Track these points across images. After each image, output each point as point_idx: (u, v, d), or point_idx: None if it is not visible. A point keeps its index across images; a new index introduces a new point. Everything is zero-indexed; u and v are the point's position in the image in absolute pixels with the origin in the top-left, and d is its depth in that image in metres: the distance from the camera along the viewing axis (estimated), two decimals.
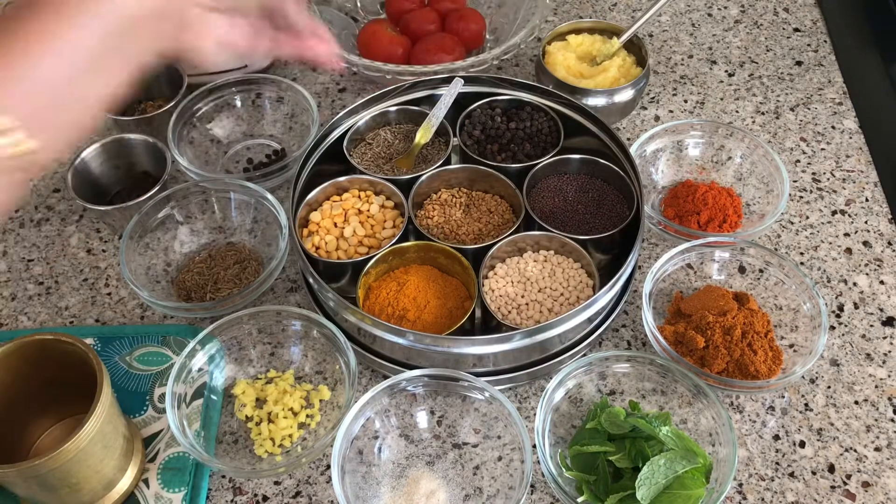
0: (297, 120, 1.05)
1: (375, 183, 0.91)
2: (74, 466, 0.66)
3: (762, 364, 0.79)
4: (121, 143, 0.96)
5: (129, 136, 0.97)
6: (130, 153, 0.97)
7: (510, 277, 0.85)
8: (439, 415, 0.80)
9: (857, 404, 0.81)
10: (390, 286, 0.84)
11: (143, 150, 0.97)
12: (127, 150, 0.97)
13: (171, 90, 1.04)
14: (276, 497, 0.77)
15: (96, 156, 0.95)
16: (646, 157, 0.98)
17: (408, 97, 0.98)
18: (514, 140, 0.95)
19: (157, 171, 0.96)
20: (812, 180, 1.00)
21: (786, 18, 1.21)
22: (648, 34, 1.19)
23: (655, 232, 0.94)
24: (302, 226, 0.89)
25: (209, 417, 0.79)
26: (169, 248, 0.92)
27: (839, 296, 0.90)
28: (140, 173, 0.98)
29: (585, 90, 1.00)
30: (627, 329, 0.88)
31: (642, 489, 0.69)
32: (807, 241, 0.95)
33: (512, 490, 0.74)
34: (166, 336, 0.86)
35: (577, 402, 0.80)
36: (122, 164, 0.97)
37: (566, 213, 0.90)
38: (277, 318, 0.83)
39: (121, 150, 0.97)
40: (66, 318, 0.90)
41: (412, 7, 1.15)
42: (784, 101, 1.10)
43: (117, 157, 0.97)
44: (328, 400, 0.81)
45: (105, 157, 0.96)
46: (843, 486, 0.76)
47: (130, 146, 0.97)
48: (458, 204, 0.91)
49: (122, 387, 0.82)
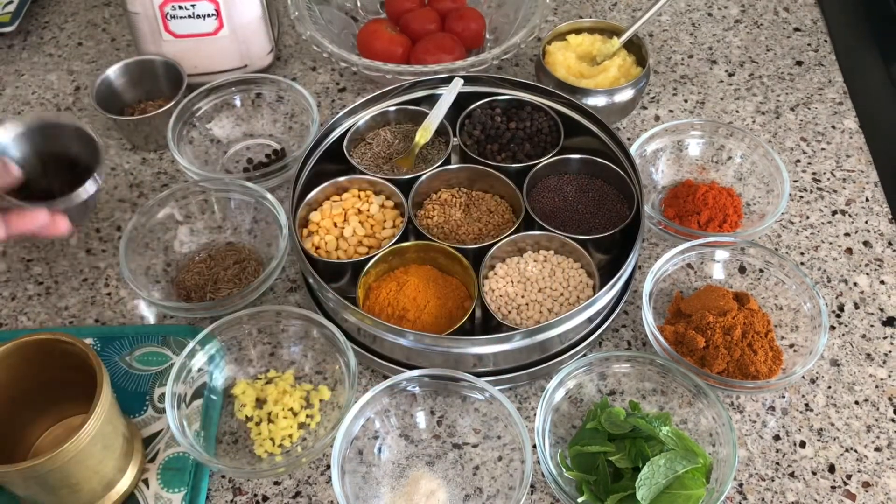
0: (297, 120, 1.05)
1: (375, 183, 0.91)
2: (74, 467, 0.66)
3: (762, 364, 0.79)
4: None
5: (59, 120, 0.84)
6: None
7: (510, 277, 0.85)
8: (439, 415, 0.80)
9: (858, 404, 0.81)
10: (390, 286, 0.84)
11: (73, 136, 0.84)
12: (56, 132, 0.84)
13: (171, 90, 1.04)
14: (275, 497, 0.77)
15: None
16: (646, 157, 0.98)
17: (408, 97, 0.98)
18: (514, 140, 0.95)
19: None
20: (812, 180, 1.00)
21: (786, 18, 1.21)
22: (648, 34, 1.19)
23: (655, 232, 0.94)
24: (302, 226, 0.89)
25: (209, 417, 0.79)
26: (169, 248, 0.92)
27: (839, 296, 0.90)
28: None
29: (585, 90, 1.00)
30: (627, 329, 0.88)
31: (642, 489, 0.69)
32: (807, 241, 0.95)
33: (512, 490, 0.74)
34: (166, 336, 0.86)
35: (578, 403, 0.80)
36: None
37: (566, 213, 0.90)
38: (277, 318, 0.83)
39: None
40: (66, 318, 0.90)
41: (412, 7, 1.15)
42: (784, 100, 1.10)
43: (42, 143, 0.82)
44: (328, 400, 0.81)
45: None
46: (843, 487, 0.76)
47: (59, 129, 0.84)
48: (458, 204, 0.91)
49: (122, 387, 0.82)
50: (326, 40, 1.06)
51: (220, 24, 1.03)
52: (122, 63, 1.03)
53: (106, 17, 1.25)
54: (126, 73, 1.04)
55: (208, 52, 1.06)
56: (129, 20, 1.04)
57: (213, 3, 1.01)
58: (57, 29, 1.23)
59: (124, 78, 1.04)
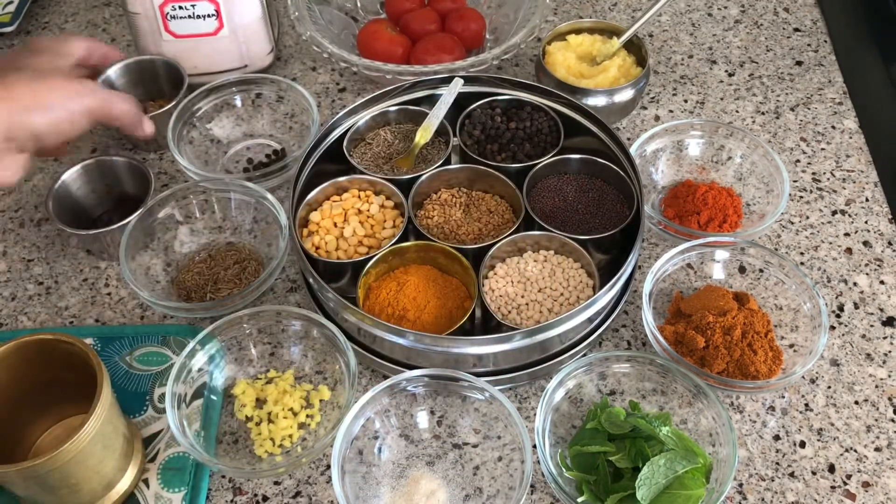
0: (297, 120, 1.05)
1: (375, 183, 0.91)
2: (74, 467, 0.66)
3: (762, 364, 0.79)
4: (102, 164, 0.94)
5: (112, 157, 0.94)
6: (112, 174, 0.95)
7: (510, 277, 0.85)
8: (439, 415, 0.80)
9: (858, 404, 0.81)
10: (390, 286, 0.84)
11: (124, 172, 0.95)
12: (109, 171, 0.95)
13: (172, 90, 1.04)
14: (276, 497, 0.77)
15: (77, 178, 0.93)
16: (646, 157, 0.98)
17: (408, 97, 0.98)
18: (514, 140, 0.95)
19: (138, 192, 0.94)
20: (812, 180, 1.00)
21: (786, 18, 1.21)
22: (648, 34, 1.19)
23: (655, 232, 0.94)
24: (302, 226, 0.89)
25: (209, 417, 0.79)
26: (169, 248, 0.92)
27: (839, 296, 0.90)
28: (120, 194, 0.96)
29: (585, 90, 1.00)
30: (627, 329, 0.88)
31: (642, 489, 0.69)
32: (807, 241, 0.95)
33: (512, 490, 0.74)
34: (166, 336, 0.86)
35: (577, 402, 0.80)
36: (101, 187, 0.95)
37: (566, 213, 0.90)
38: (277, 318, 0.83)
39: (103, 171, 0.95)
40: (66, 318, 0.90)
41: (412, 7, 1.15)
42: (784, 100, 1.10)
43: (99, 179, 0.94)
44: (328, 400, 0.81)
45: (85, 179, 0.94)
46: (843, 487, 0.76)
47: (112, 167, 0.95)
48: (458, 204, 0.91)
49: (122, 387, 0.82)
50: (326, 40, 1.06)
51: (220, 24, 1.03)
52: (122, 63, 1.02)
53: (106, 18, 1.25)
54: (126, 73, 1.03)
55: (208, 53, 1.06)
56: (129, 20, 1.04)
57: (213, 3, 1.01)
58: (57, 29, 1.23)
59: (125, 78, 1.03)
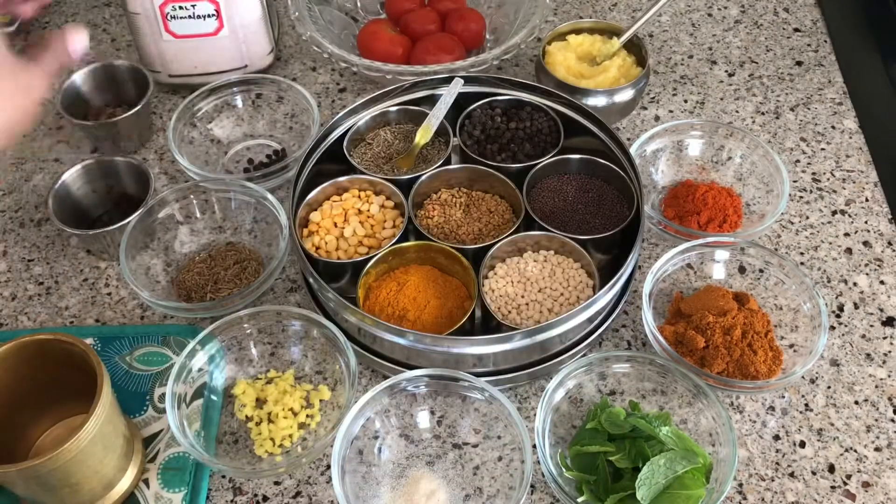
0: (297, 120, 1.05)
1: (375, 183, 0.91)
2: (74, 466, 0.66)
3: (762, 364, 0.79)
4: (102, 164, 0.94)
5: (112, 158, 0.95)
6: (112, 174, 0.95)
7: (510, 277, 0.85)
8: (439, 415, 0.80)
9: (858, 404, 0.81)
10: (390, 286, 0.84)
11: (124, 172, 0.95)
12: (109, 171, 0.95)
13: (137, 95, 1.03)
14: (276, 497, 0.77)
15: (77, 178, 0.93)
16: (646, 157, 0.98)
17: (408, 97, 0.98)
18: (514, 140, 0.95)
19: (138, 192, 0.94)
20: (812, 180, 1.00)
21: (786, 18, 1.21)
22: (648, 34, 1.19)
23: (655, 232, 0.94)
24: (302, 226, 0.89)
25: (209, 417, 0.79)
26: (169, 248, 0.92)
27: (839, 296, 0.90)
28: (120, 194, 0.96)
29: (585, 90, 1.00)
30: (627, 329, 0.88)
31: (642, 489, 0.69)
32: (807, 241, 0.95)
33: (512, 490, 0.74)
34: (166, 336, 0.86)
35: (577, 402, 0.80)
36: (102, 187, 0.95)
37: (566, 213, 0.90)
38: (277, 318, 0.83)
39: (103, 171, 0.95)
40: (66, 318, 0.90)
41: (412, 7, 1.15)
42: (784, 101, 1.10)
43: (99, 179, 0.95)
44: (328, 400, 0.81)
45: (85, 179, 0.94)
46: (843, 487, 0.76)
47: (113, 167, 0.95)
48: (458, 204, 0.91)
49: (122, 387, 0.82)
50: (326, 41, 1.06)
51: (220, 24, 1.03)
52: (88, 68, 1.02)
53: (106, 18, 1.25)
54: (92, 78, 1.03)
55: (208, 53, 1.06)
56: (129, 20, 1.04)
57: (214, 3, 1.01)
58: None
59: (90, 83, 1.03)
